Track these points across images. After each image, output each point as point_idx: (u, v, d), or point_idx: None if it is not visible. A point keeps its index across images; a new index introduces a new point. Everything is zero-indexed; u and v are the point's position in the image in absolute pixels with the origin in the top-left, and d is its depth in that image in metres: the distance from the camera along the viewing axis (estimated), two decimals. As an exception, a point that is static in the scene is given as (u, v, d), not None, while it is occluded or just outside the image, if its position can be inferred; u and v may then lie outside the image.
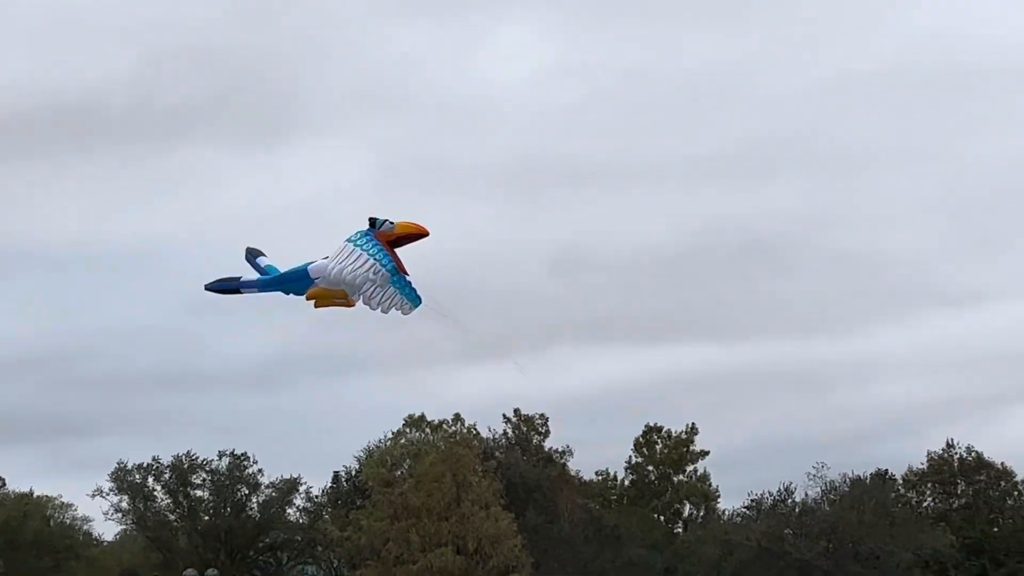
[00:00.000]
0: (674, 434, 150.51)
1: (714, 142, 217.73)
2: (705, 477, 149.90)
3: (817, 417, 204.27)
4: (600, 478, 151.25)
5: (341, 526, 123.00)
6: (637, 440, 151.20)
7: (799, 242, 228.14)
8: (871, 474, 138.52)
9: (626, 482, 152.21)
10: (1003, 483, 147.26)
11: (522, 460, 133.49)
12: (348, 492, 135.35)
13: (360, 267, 20.44)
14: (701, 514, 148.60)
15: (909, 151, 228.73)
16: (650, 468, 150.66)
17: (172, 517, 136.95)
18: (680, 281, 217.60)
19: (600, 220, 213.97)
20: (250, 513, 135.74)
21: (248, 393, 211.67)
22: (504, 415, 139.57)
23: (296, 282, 21.34)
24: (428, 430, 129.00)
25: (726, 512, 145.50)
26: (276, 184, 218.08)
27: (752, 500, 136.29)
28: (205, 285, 22.56)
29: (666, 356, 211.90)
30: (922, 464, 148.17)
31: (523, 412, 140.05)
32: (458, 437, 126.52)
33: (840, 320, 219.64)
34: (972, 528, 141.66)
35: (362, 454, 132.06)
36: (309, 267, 21.20)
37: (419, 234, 21.08)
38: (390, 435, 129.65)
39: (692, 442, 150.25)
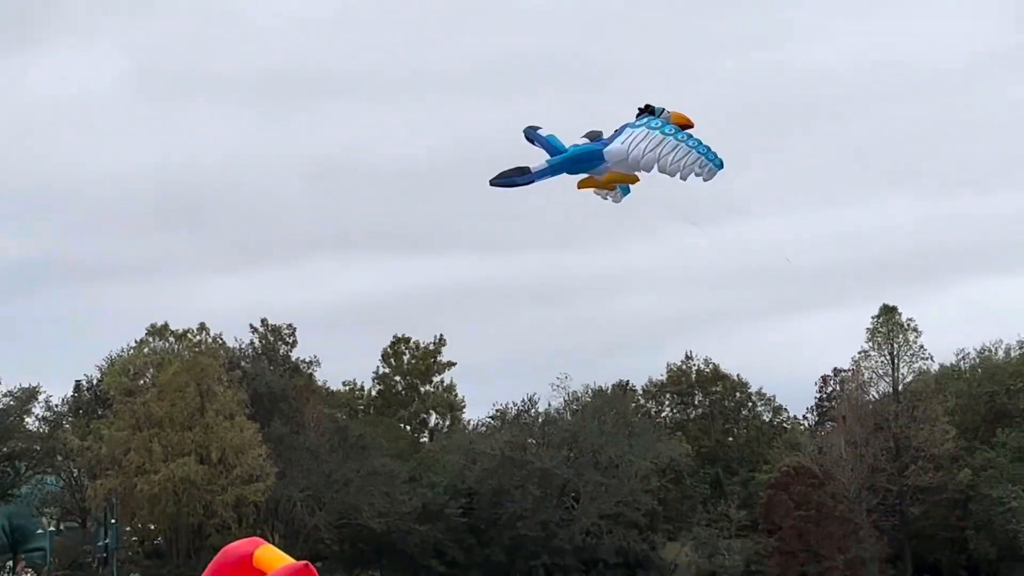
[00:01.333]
0: (422, 345, 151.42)
1: (474, 56, 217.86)
2: (451, 387, 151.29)
3: (563, 329, 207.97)
4: (347, 388, 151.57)
5: (82, 435, 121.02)
6: (385, 350, 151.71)
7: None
8: (612, 385, 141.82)
9: (373, 392, 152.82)
10: (738, 394, 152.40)
11: (268, 370, 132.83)
12: (89, 401, 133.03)
13: (684, 160, 19.74)
14: (447, 424, 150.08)
15: (662, 67, 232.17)
16: (397, 378, 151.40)
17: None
18: (434, 193, 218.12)
19: (358, 131, 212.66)
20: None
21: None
22: (251, 325, 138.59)
23: (589, 163, 20.39)
24: (172, 339, 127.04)
25: (471, 422, 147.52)
26: (23, 87, 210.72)
27: (497, 410, 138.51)
28: (491, 180, 20.87)
29: (417, 268, 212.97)
30: (662, 376, 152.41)
31: (270, 322, 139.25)
32: (203, 347, 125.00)
33: (589, 234, 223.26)
34: (707, 437, 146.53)
35: (104, 363, 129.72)
36: (606, 149, 20.29)
37: (687, 125, 20.45)
38: (133, 344, 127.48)
39: (439, 353, 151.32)
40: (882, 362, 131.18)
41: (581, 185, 19.84)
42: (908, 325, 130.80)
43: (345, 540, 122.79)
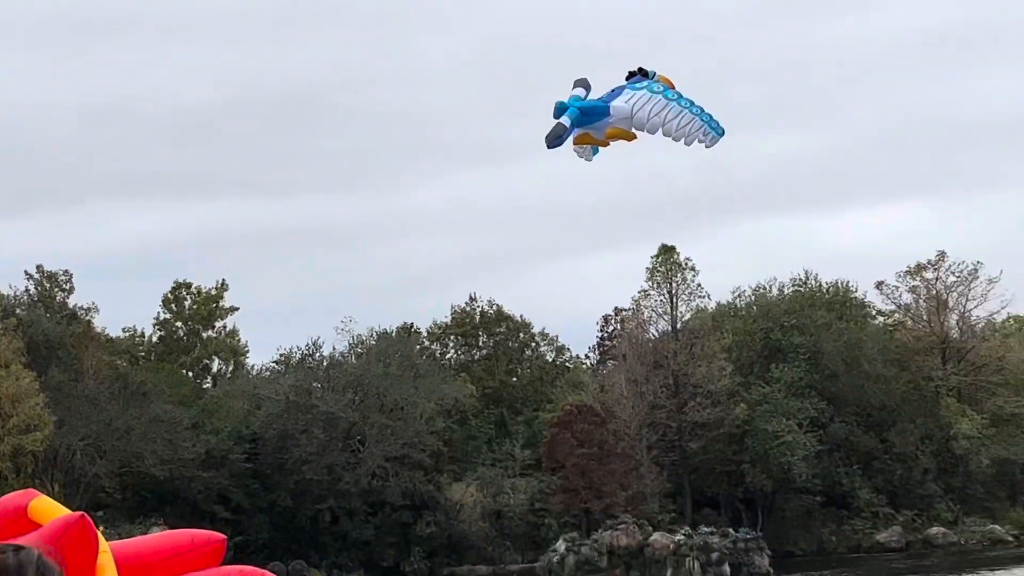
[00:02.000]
0: (203, 290, 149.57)
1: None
2: (234, 333, 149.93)
3: (347, 273, 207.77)
4: (127, 335, 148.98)
5: None
6: (165, 296, 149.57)
7: (339, 98, 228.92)
8: (397, 328, 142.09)
9: (154, 338, 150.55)
10: (521, 335, 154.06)
11: (44, 317, 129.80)
12: None
13: (689, 127, 19.68)
14: (230, 369, 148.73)
15: (447, 7, 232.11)
16: (179, 324, 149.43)
17: None
18: (213, 137, 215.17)
19: (140, 73, 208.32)
20: None
21: None
22: (25, 271, 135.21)
23: (595, 116, 20.01)
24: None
25: (255, 367, 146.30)
26: None
27: (281, 355, 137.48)
28: (549, 144, 20.32)
29: (197, 212, 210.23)
30: (446, 317, 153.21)
31: (46, 268, 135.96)
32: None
33: (376, 177, 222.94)
34: (492, 378, 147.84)
35: None
36: (611, 105, 19.95)
37: (670, 87, 20.38)
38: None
39: (222, 298, 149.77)
40: (661, 301, 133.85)
41: (578, 140, 20.00)
42: (686, 264, 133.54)
43: (127, 488, 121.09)
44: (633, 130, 19.64)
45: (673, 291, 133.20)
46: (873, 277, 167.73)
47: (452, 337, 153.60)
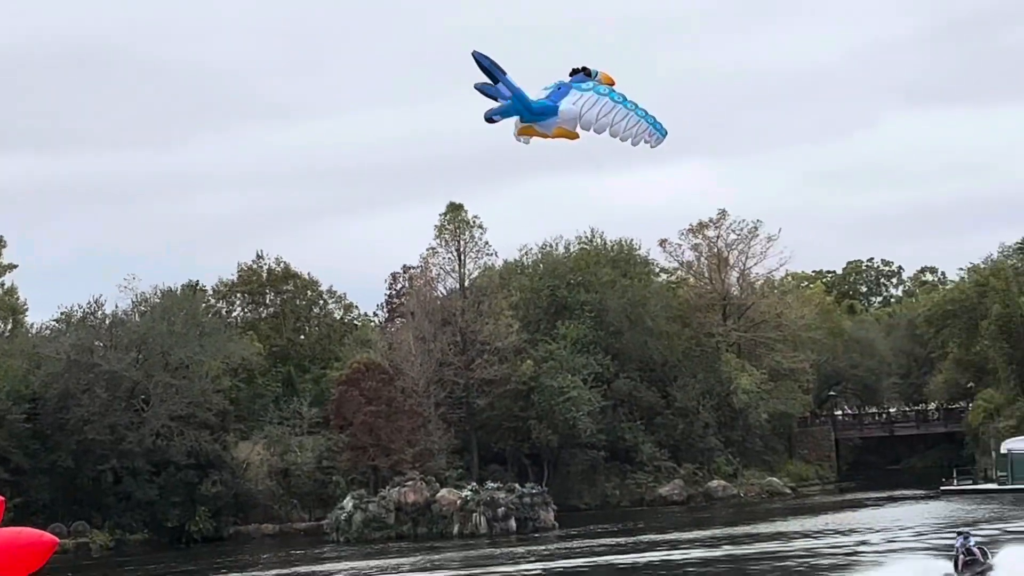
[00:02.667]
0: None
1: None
2: (12, 291, 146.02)
3: (132, 230, 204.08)
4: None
5: None
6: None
7: (121, 52, 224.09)
8: (182, 285, 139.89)
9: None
10: (309, 292, 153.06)
11: None
12: None
13: (635, 128, 19.63)
14: (8, 328, 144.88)
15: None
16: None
17: None
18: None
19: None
20: None
21: None
22: None
23: (542, 115, 19.54)
24: None
25: (35, 325, 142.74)
26: None
27: (62, 313, 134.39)
28: (488, 119, 19.51)
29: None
30: (232, 275, 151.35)
31: None
32: None
33: (159, 133, 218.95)
34: (279, 336, 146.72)
35: None
36: (560, 108, 19.53)
37: (611, 83, 20.25)
38: None
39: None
40: (449, 258, 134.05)
41: (522, 132, 20.07)
42: (474, 222, 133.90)
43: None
44: (578, 129, 20.12)
45: (461, 249, 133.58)
46: (657, 235, 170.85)
47: (238, 295, 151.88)
